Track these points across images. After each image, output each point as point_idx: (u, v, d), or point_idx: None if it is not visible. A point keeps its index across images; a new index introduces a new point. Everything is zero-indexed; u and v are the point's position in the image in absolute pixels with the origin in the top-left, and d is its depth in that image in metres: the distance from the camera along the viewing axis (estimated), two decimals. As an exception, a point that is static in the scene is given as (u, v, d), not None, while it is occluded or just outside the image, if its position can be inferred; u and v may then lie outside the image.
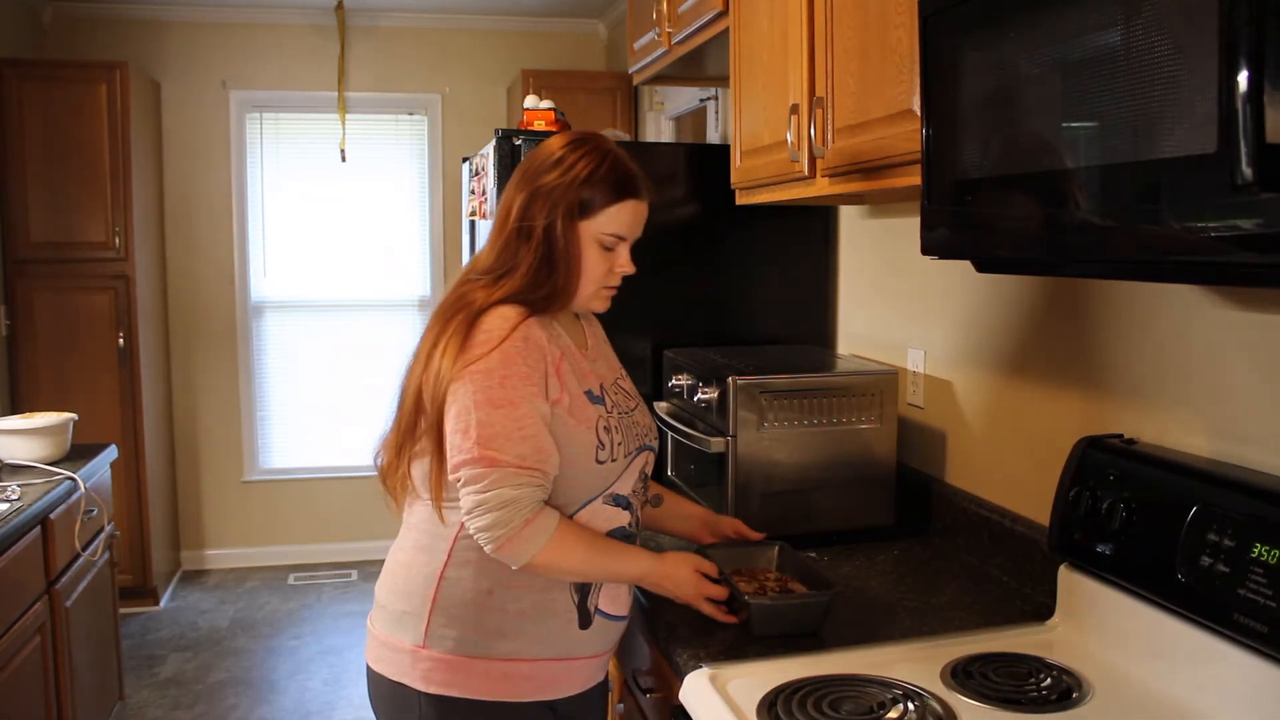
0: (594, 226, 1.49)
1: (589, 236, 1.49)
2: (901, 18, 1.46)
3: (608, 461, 1.48)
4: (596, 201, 1.48)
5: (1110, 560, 1.37)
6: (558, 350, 1.48)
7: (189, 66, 4.76)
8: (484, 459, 1.36)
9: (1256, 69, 0.78)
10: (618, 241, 1.52)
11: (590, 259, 1.50)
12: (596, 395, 1.50)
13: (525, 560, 1.38)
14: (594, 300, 1.55)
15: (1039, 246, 1.12)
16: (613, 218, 1.49)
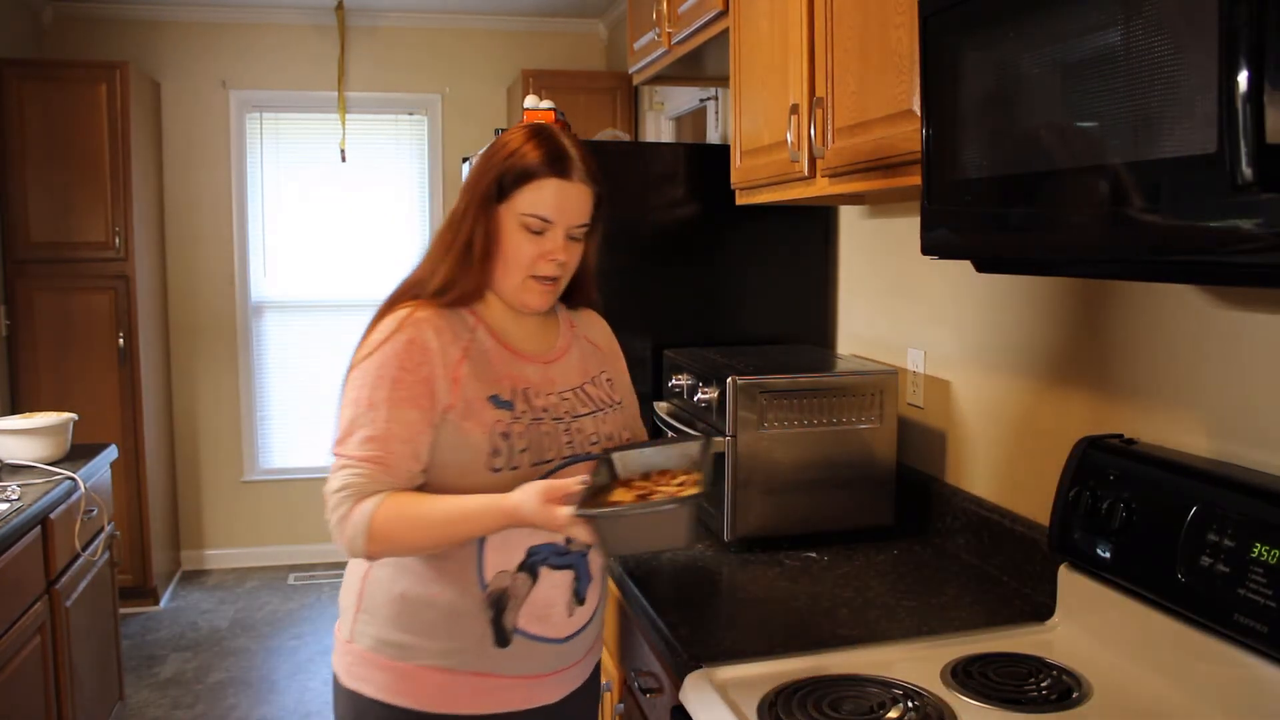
0: (513, 208, 1.41)
1: (510, 221, 1.42)
2: (901, 18, 1.46)
3: (505, 470, 1.38)
4: (512, 180, 1.41)
5: (1110, 560, 1.37)
6: (458, 351, 1.41)
7: (189, 66, 4.76)
8: (335, 455, 1.38)
9: (1256, 69, 0.78)
10: (544, 225, 1.42)
11: (512, 245, 1.43)
12: (504, 400, 1.41)
13: (359, 550, 1.33)
14: (523, 293, 1.46)
15: (1039, 246, 1.12)
16: (532, 197, 1.41)
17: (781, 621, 1.57)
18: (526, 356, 1.48)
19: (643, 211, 2.46)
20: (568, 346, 1.56)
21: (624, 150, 2.56)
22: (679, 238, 2.48)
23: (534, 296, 1.46)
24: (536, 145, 1.42)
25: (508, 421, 1.40)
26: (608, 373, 1.61)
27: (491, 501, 1.32)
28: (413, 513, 1.33)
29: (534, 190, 1.41)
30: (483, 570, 1.41)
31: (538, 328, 1.54)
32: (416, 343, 1.39)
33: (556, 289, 1.49)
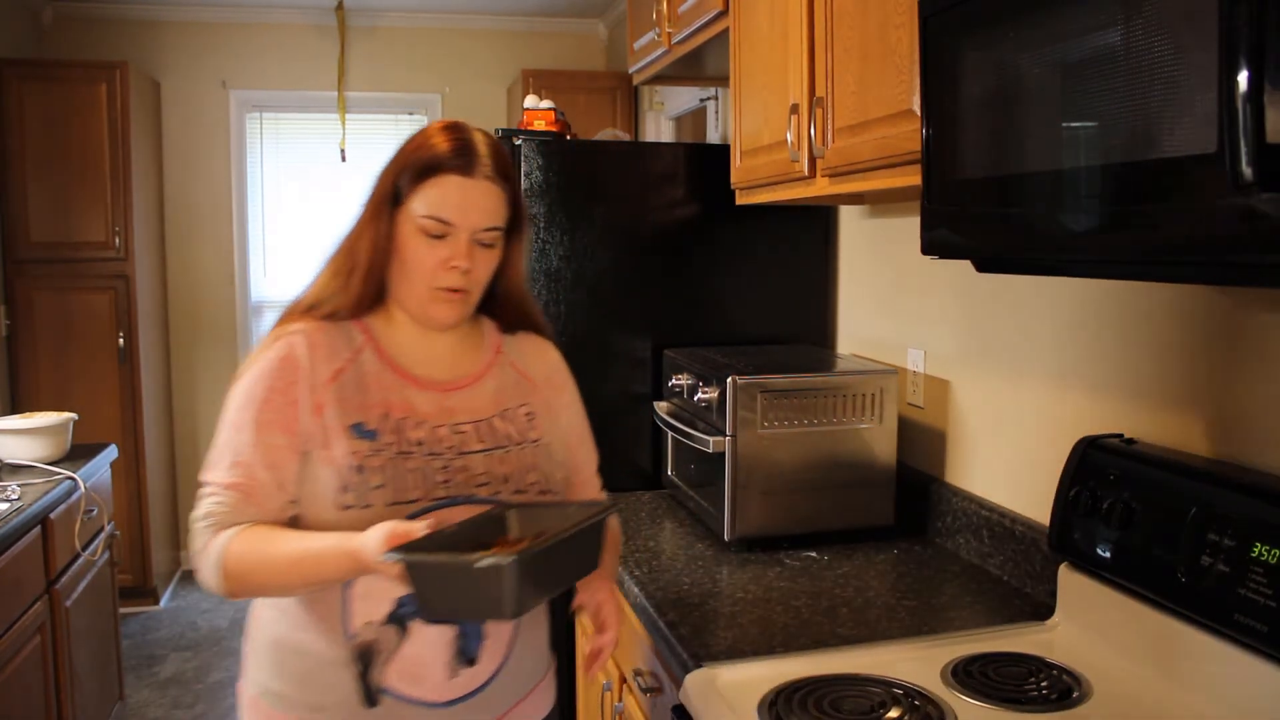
0: (411, 210, 1.27)
1: (408, 225, 1.28)
2: (901, 18, 1.46)
3: (355, 508, 1.23)
4: (410, 179, 1.27)
5: (1110, 560, 1.37)
6: (329, 372, 1.28)
7: (189, 66, 4.76)
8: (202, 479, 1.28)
9: (1256, 69, 0.78)
10: (444, 228, 1.27)
11: (410, 252, 1.28)
12: (368, 429, 1.27)
13: (215, 586, 1.22)
14: (429, 306, 1.31)
15: (1039, 246, 1.12)
16: (428, 197, 1.26)
17: (781, 621, 1.57)
18: (420, 381, 1.34)
19: (643, 211, 2.46)
20: (482, 373, 1.40)
21: (624, 150, 2.56)
22: (679, 238, 2.47)
23: (441, 309, 1.31)
24: (435, 139, 1.29)
25: (365, 454, 1.25)
26: (530, 407, 1.41)
27: (339, 542, 1.17)
28: (264, 550, 1.21)
29: (432, 189, 1.27)
30: (348, 619, 1.27)
31: (450, 350, 1.39)
32: (288, 360, 1.28)
33: (466, 301, 1.33)
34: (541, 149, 2.38)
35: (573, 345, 2.41)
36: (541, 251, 2.39)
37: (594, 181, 2.42)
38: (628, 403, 2.47)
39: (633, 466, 2.48)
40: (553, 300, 2.40)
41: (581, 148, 2.48)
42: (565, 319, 2.42)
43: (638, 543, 2.00)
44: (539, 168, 2.37)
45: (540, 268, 2.39)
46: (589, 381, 2.44)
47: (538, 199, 2.38)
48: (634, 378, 2.47)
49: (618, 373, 2.46)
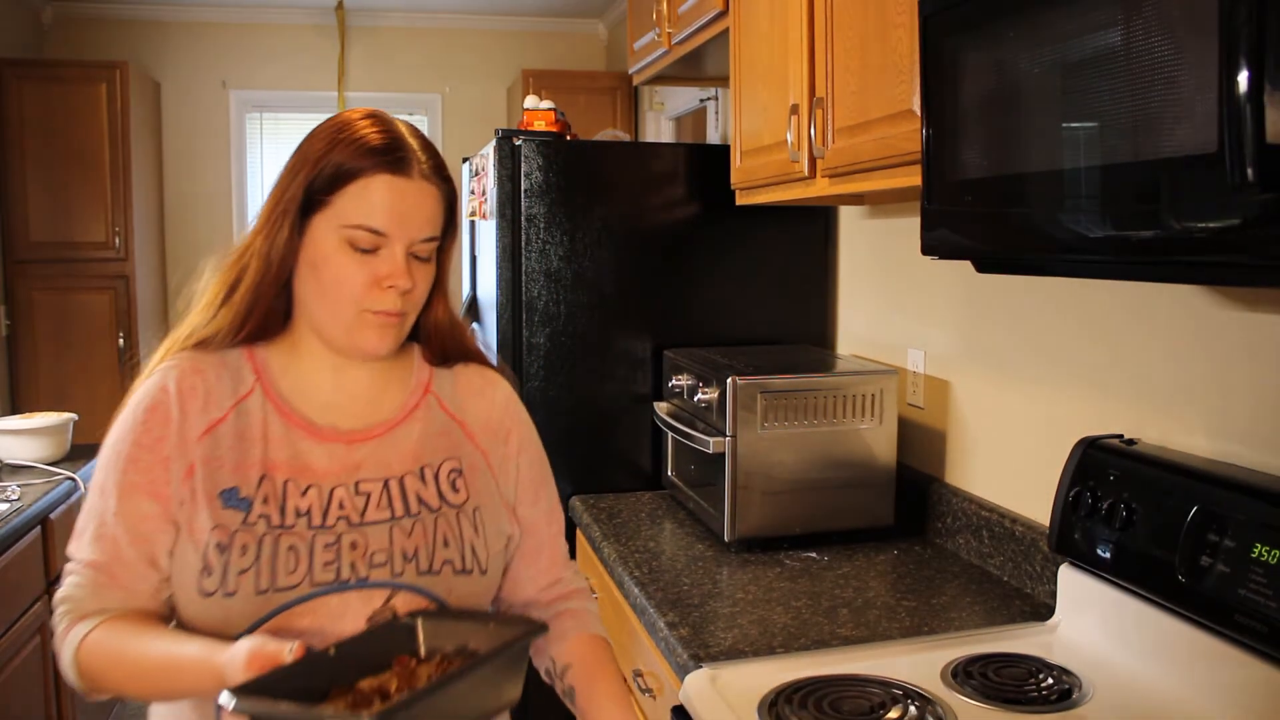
0: (333, 217, 1.05)
1: (330, 237, 1.05)
2: (901, 18, 1.46)
3: (217, 594, 1.02)
4: (328, 180, 1.05)
5: (1110, 560, 1.37)
6: (204, 423, 1.07)
7: (189, 66, 4.76)
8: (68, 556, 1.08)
9: (1256, 69, 0.78)
10: (377, 240, 1.05)
11: (334, 270, 1.05)
12: (240, 497, 1.05)
13: (73, 682, 1.04)
14: (358, 333, 1.08)
15: (1039, 246, 1.12)
16: (356, 202, 1.04)
17: (781, 621, 1.57)
18: (320, 431, 1.11)
19: (643, 211, 2.46)
20: (403, 418, 1.16)
21: (624, 150, 2.56)
22: (679, 238, 2.47)
23: (371, 337, 1.08)
24: (359, 130, 1.07)
25: (232, 528, 1.03)
26: (458, 461, 1.16)
27: (203, 654, 0.96)
28: (121, 650, 1.01)
29: (359, 192, 1.04)
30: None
31: (367, 389, 1.15)
32: (157, 410, 1.06)
33: (402, 326, 1.11)
34: (541, 149, 2.38)
35: (573, 345, 2.42)
36: (541, 251, 2.39)
37: (594, 181, 2.42)
38: (628, 403, 2.47)
39: (633, 467, 2.48)
40: (553, 300, 2.40)
41: (581, 148, 2.48)
42: (565, 319, 2.42)
43: (638, 543, 2.00)
44: (539, 168, 2.37)
45: (540, 268, 2.39)
46: (589, 382, 2.47)
47: (538, 199, 2.38)
48: (634, 378, 2.47)
49: (618, 373, 2.46)
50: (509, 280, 2.40)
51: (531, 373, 2.40)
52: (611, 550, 1.96)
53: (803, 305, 2.55)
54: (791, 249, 2.53)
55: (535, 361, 2.40)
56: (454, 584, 1.10)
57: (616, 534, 2.06)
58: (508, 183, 2.38)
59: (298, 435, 1.10)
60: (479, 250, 2.78)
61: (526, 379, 2.40)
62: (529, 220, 2.38)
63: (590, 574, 2.20)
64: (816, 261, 2.55)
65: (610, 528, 2.11)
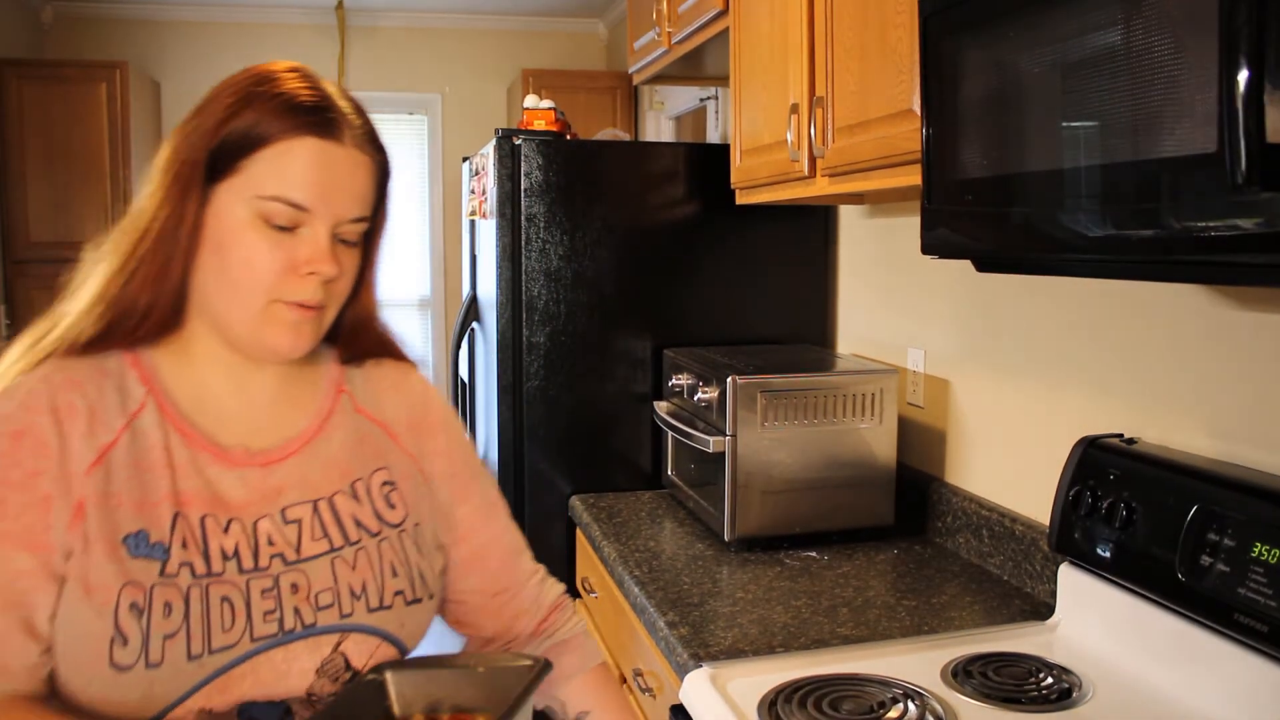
0: (242, 187, 0.88)
1: (237, 209, 0.88)
2: (901, 18, 1.46)
3: (136, 665, 0.82)
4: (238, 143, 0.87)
5: (1110, 560, 1.37)
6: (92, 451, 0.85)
7: (189, 66, 4.76)
8: None
9: (1256, 69, 0.78)
10: (297, 215, 0.88)
11: (241, 248, 0.88)
12: (151, 542, 0.85)
13: None
14: (265, 328, 0.90)
15: (1039, 246, 1.12)
16: (274, 169, 0.87)
17: (781, 621, 1.57)
18: (228, 454, 0.92)
19: (643, 211, 2.46)
20: (319, 427, 0.99)
21: (624, 150, 2.56)
22: (679, 238, 2.47)
23: (282, 334, 0.91)
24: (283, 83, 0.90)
25: (148, 582, 0.84)
26: (389, 471, 1.01)
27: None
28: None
29: (279, 158, 0.87)
30: None
31: (274, 396, 0.98)
32: (29, 437, 0.84)
33: (319, 322, 0.93)
34: (541, 149, 2.38)
35: (573, 345, 2.42)
36: (541, 251, 2.39)
37: (594, 181, 2.42)
38: (628, 403, 2.47)
39: (633, 466, 2.48)
40: (553, 300, 2.41)
41: (581, 148, 2.48)
42: (565, 319, 2.42)
43: (638, 542, 2.00)
44: (539, 168, 2.37)
45: (540, 267, 2.39)
46: (589, 381, 2.47)
47: (538, 199, 2.38)
48: (634, 378, 2.47)
49: (618, 373, 2.46)
50: (509, 280, 2.40)
51: (531, 372, 2.40)
52: (611, 550, 1.96)
53: (803, 305, 2.55)
54: (791, 249, 2.53)
55: (535, 361, 2.41)
56: (405, 616, 0.96)
57: (616, 533, 2.06)
58: (507, 182, 2.38)
59: (204, 460, 0.91)
60: (479, 250, 2.78)
61: (526, 379, 2.41)
62: (529, 220, 2.38)
63: (590, 574, 2.20)
64: (816, 261, 2.55)
65: (610, 527, 2.11)
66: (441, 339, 5.08)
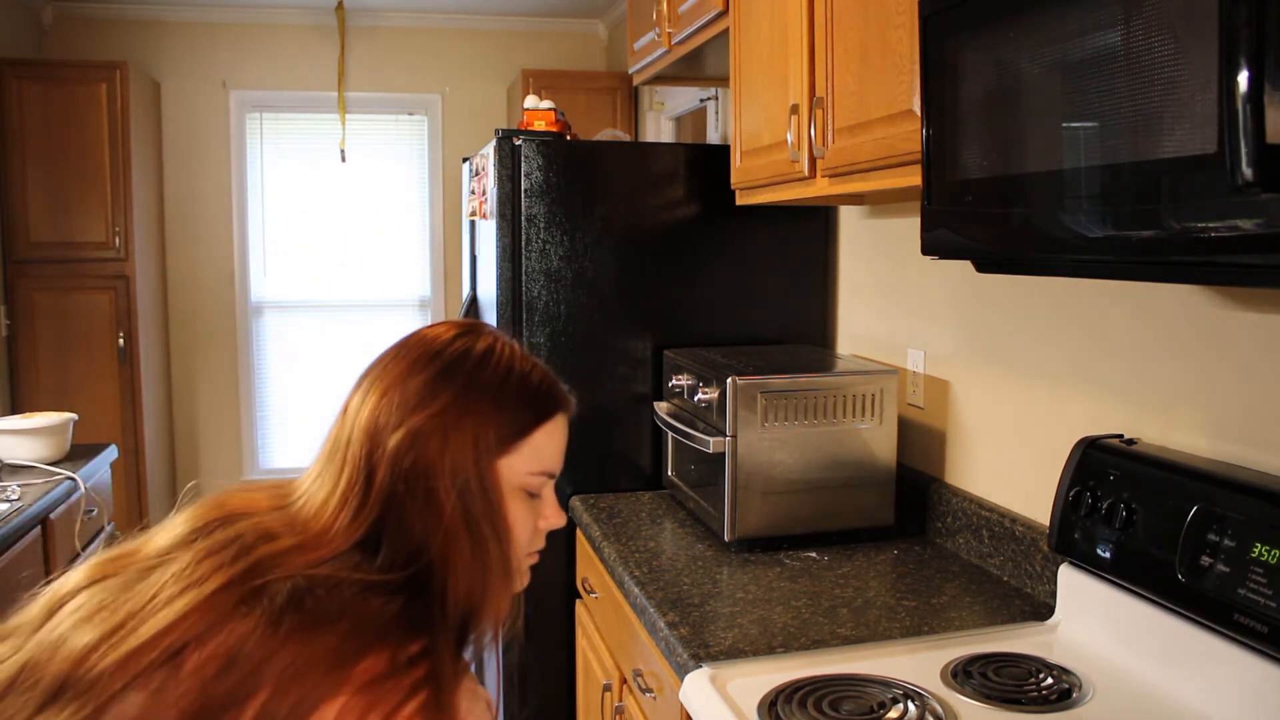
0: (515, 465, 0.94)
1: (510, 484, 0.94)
2: (901, 18, 1.46)
3: None
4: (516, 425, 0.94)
5: (1110, 560, 1.37)
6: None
7: (189, 66, 4.76)
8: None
9: (1256, 69, 0.78)
10: (545, 483, 0.98)
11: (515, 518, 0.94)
12: None
13: None
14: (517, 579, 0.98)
15: (1039, 246, 1.12)
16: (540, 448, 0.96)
17: (781, 621, 1.57)
18: None
19: (643, 211, 2.46)
20: None
21: (624, 150, 2.56)
22: (679, 238, 2.48)
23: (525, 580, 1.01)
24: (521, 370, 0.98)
25: None
26: None
27: None
28: None
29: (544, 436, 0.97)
30: None
31: None
32: None
33: None
34: (541, 149, 2.38)
35: (573, 345, 2.42)
36: (541, 251, 2.39)
37: (594, 181, 2.42)
38: (628, 403, 2.47)
39: (633, 467, 2.48)
40: (553, 300, 2.41)
41: (581, 148, 2.48)
42: (565, 319, 2.42)
43: (638, 543, 2.00)
44: (539, 168, 2.38)
45: (540, 268, 2.39)
46: (589, 382, 2.47)
47: (538, 199, 2.38)
48: (634, 378, 2.47)
49: (618, 373, 2.46)
50: (509, 280, 2.40)
51: (531, 373, 2.40)
52: (611, 550, 1.96)
53: (803, 305, 2.55)
54: (791, 249, 2.53)
55: (535, 361, 2.40)
56: None
57: (616, 534, 2.06)
58: (508, 183, 2.38)
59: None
60: (479, 250, 2.78)
61: (526, 379, 2.40)
62: (529, 220, 2.38)
63: (590, 574, 2.20)
64: (816, 261, 2.55)
65: (610, 528, 2.11)
66: (441, 339, 5.07)
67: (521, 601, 1.07)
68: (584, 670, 2.29)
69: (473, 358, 0.95)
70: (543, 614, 2.45)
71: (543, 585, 2.44)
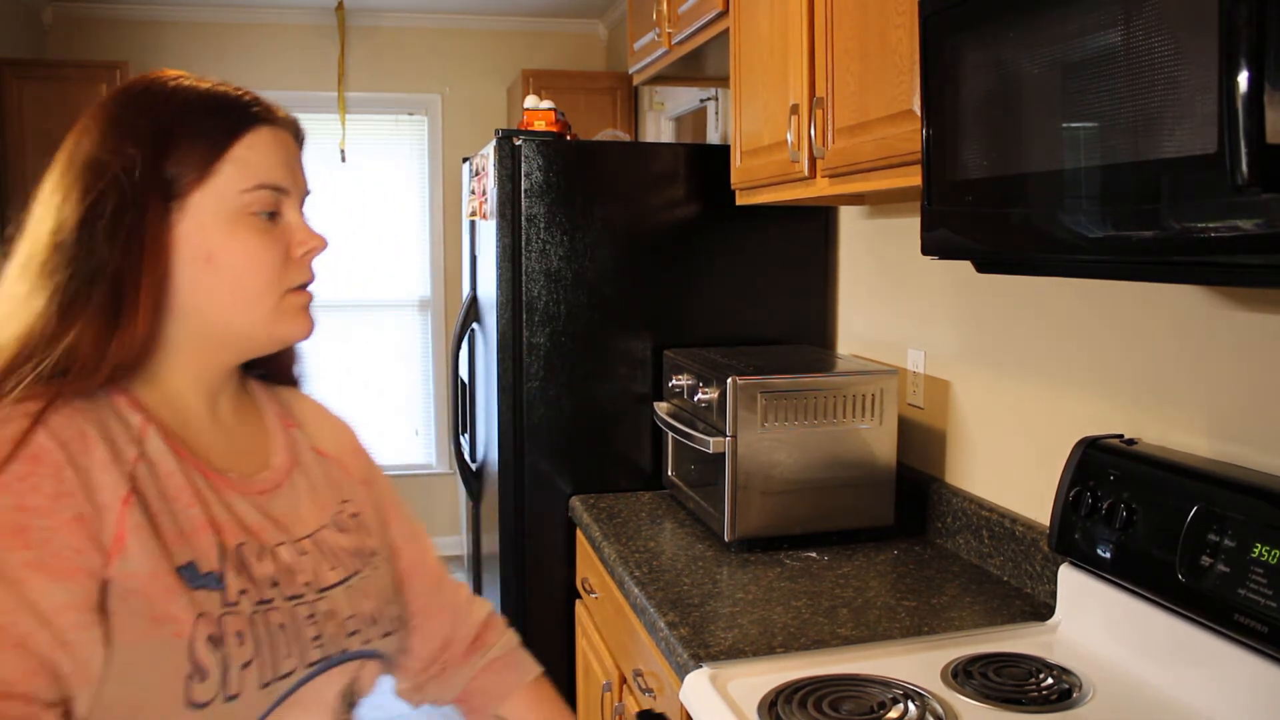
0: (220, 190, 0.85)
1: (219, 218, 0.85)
2: (901, 18, 1.46)
3: (215, 701, 0.78)
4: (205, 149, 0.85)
5: (1110, 560, 1.37)
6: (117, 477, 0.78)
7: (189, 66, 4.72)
8: None
9: (1256, 69, 0.78)
10: (279, 199, 0.89)
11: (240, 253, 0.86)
12: (204, 571, 0.81)
13: None
14: (278, 323, 0.89)
15: (1039, 247, 1.12)
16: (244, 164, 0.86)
17: (781, 621, 1.57)
18: (230, 481, 0.89)
19: (642, 212, 2.46)
20: (294, 462, 0.97)
21: (624, 150, 2.56)
22: (679, 238, 2.48)
23: (299, 323, 0.91)
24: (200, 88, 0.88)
25: (216, 613, 0.80)
26: (353, 504, 1.01)
27: None
28: None
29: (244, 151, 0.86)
30: None
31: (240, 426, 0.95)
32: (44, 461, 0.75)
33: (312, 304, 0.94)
34: (541, 149, 2.38)
35: (573, 345, 2.42)
36: (541, 251, 2.39)
37: (594, 181, 2.42)
38: (628, 403, 2.47)
39: (633, 467, 2.48)
40: (553, 300, 2.41)
41: (581, 148, 2.48)
42: (565, 319, 2.42)
43: (638, 543, 2.00)
44: (539, 168, 2.38)
45: (540, 268, 2.39)
46: (589, 382, 2.47)
47: (538, 199, 2.38)
48: (634, 378, 2.47)
49: (618, 373, 2.46)
50: (509, 280, 2.40)
51: (531, 373, 2.40)
52: (611, 550, 1.96)
53: (803, 305, 2.55)
54: (791, 249, 2.53)
55: (535, 361, 2.41)
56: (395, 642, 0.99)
57: (616, 534, 2.06)
58: (508, 183, 2.39)
59: (218, 486, 0.87)
60: (479, 250, 2.78)
61: (527, 379, 2.41)
62: (529, 220, 2.38)
63: (590, 574, 2.20)
64: (816, 261, 2.55)
65: (610, 528, 2.11)
66: (441, 340, 5.07)
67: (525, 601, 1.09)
68: (584, 670, 2.29)
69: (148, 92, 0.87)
70: (543, 614, 2.45)
71: (543, 585, 2.44)
